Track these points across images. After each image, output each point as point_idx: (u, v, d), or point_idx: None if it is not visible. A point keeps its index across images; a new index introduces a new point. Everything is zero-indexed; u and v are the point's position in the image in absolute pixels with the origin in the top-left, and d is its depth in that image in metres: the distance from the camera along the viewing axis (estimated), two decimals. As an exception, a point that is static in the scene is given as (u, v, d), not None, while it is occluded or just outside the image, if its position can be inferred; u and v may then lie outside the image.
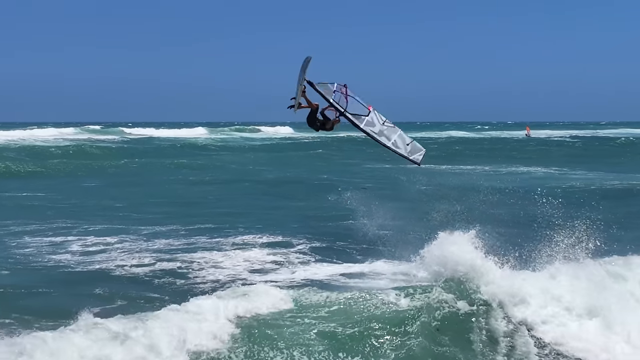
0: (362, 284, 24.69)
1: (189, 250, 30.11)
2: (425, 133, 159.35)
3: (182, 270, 27.03)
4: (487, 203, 45.15)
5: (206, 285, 25.18)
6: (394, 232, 34.22)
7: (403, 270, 26.95)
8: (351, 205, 44.83)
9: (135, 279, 25.98)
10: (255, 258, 28.80)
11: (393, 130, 22.22)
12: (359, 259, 29.16)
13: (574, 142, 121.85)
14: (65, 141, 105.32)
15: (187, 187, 54.91)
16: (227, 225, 35.68)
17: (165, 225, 35.97)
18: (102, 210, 41.55)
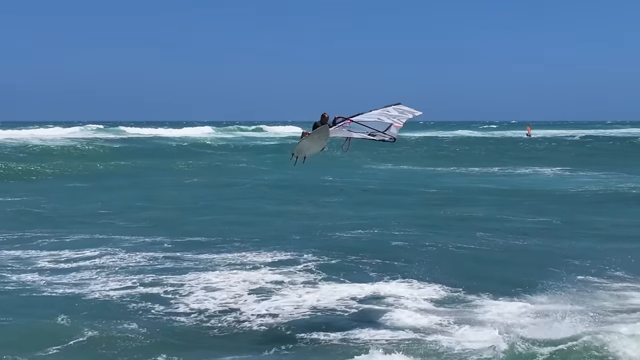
0: (385, 319, 19.54)
1: (176, 269, 24.95)
2: (434, 132, 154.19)
3: (166, 296, 21.94)
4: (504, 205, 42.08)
5: (193, 317, 20.09)
6: (406, 242, 29.20)
7: (426, 295, 21.87)
8: (356, 210, 39.97)
9: (108, 307, 20.89)
10: (255, 279, 23.62)
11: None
12: (372, 277, 24.08)
13: (584, 142, 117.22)
14: (64, 140, 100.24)
15: (181, 190, 49.71)
16: (221, 238, 30.47)
17: (152, 235, 30.81)
18: (84, 216, 36.40)
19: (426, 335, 17.86)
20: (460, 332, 18.08)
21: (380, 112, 19.76)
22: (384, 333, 17.90)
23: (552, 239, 31.26)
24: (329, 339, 17.67)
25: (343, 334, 17.93)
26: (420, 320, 19.12)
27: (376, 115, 19.53)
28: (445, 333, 18.09)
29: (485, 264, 26.25)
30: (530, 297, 21.56)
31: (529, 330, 17.99)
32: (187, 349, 17.40)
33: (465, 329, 18.35)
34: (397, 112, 19.87)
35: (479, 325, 18.72)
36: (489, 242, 30.11)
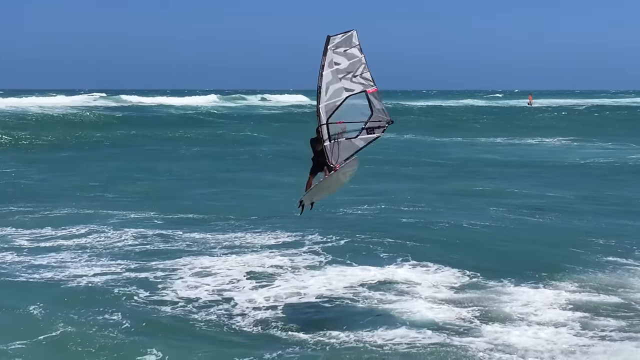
0: (402, 312, 16.91)
1: (166, 251, 22.29)
2: (437, 101, 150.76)
3: (155, 281, 19.34)
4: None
5: (181, 307, 17.53)
6: (417, 220, 26.64)
7: (443, 281, 19.31)
8: (360, 183, 37.30)
9: (89, 294, 18.23)
10: (252, 262, 20.96)
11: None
12: (382, 259, 21.44)
13: (590, 111, 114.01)
14: (63, 109, 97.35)
15: (177, 160, 46.90)
16: (215, 215, 27.65)
17: (142, 210, 28.20)
18: (73, 189, 33.76)
19: (451, 335, 15.25)
20: (490, 331, 15.50)
21: (332, 75, 16.22)
22: (401, 334, 15.21)
23: (568, 214, 28.73)
24: (336, 340, 14.96)
25: (353, 334, 15.24)
26: (440, 314, 16.55)
27: (341, 89, 16.21)
28: (472, 332, 15.51)
29: (502, 243, 23.71)
30: (558, 284, 19.05)
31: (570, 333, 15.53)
32: (171, 347, 14.84)
33: (495, 328, 15.77)
34: (346, 63, 16.28)
35: (509, 322, 16.17)
36: (502, 218, 27.59)
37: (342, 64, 16.28)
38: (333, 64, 16.39)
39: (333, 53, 16.41)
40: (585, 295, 18.06)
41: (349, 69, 16.35)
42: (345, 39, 16.53)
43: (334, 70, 16.31)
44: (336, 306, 17.29)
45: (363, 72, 16.35)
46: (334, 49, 16.39)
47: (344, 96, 16.17)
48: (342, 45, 16.43)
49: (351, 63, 16.34)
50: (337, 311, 16.95)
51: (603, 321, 16.17)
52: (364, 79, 16.36)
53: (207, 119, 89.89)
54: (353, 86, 16.26)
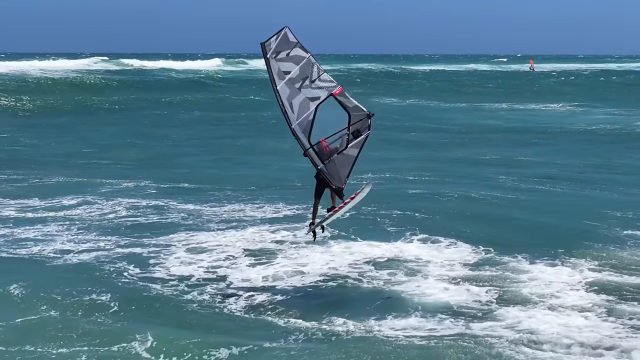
0: (414, 294, 15.35)
1: (159, 224, 20.75)
2: (441, 66, 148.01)
3: (148, 257, 17.81)
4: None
5: (172, 286, 16.06)
6: (425, 191, 25.11)
7: (455, 257, 17.81)
8: (365, 151, 35.56)
9: (76, 272, 16.74)
10: (250, 237, 19.39)
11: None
12: (390, 233, 19.83)
13: (596, 76, 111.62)
14: (63, 72, 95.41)
15: (175, 126, 45.15)
16: (211, 185, 25.97)
17: (136, 179, 26.66)
18: (66, 156, 32.22)
19: (469, 322, 13.71)
20: (510, 317, 13.98)
21: (288, 88, 14.90)
22: (415, 323, 13.65)
23: (579, 184, 27.22)
24: (342, 329, 13.40)
25: (361, 323, 13.66)
26: (456, 296, 15.05)
27: (306, 101, 14.86)
28: (491, 317, 14.01)
29: (514, 215, 22.21)
30: (577, 262, 17.53)
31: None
32: (159, 334, 13.38)
33: (515, 312, 14.25)
34: (296, 69, 14.92)
35: (530, 305, 14.67)
36: (513, 188, 26.08)
37: (292, 72, 14.90)
38: (282, 74, 14.96)
39: (276, 61, 14.97)
40: (607, 275, 16.56)
41: (302, 74, 14.94)
42: (281, 41, 15.03)
43: (287, 81, 14.90)
44: (341, 287, 15.78)
45: (320, 74, 14.96)
46: (275, 56, 14.96)
47: (312, 108, 14.83)
48: (281, 48, 15.00)
49: (301, 67, 14.94)
50: (341, 294, 15.44)
51: (629, 306, 14.68)
52: (324, 81, 15.01)
53: (209, 82, 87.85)
54: (316, 93, 14.90)
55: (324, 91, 14.77)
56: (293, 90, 14.77)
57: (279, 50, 14.87)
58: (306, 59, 14.90)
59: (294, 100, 14.76)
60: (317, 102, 14.73)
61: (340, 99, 14.76)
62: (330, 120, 14.69)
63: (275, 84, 14.83)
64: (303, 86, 14.80)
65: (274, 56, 14.86)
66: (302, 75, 14.84)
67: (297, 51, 14.94)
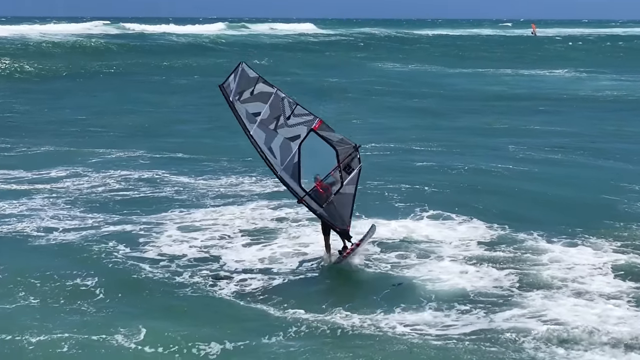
0: (429, 279, 13.88)
1: (151, 199, 19.25)
2: (444, 30, 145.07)
3: (138, 235, 16.40)
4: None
5: (163, 268, 14.66)
6: (432, 162, 23.60)
7: (470, 236, 16.35)
8: (366, 118, 34.20)
9: (62, 255, 15.32)
10: (249, 214, 17.88)
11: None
12: (399, 209, 18.29)
13: (600, 41, 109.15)
14: (63, 36, 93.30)
15: (172, 92, 42.93)
16: (205, 156, 24.40)
17: (129, 148, 25.12)
18: (58, 123, 30.64)
19: (492, 313, 12.24)
20: (534, 306, 12.54)
21: (263, 131, 13.83)
22: (429, 318, 12.11)
23: (592, 154, 25.76)
24: (346, 323, 11.91)
25: (367, 316, 12.13)
26: (474, 281, 13.61)
27: (286, 142, 13.85)
28: (516, 305, 12.59)
29: (528, 188, 20.76)
30: (597, 243, 16.18)
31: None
32: (146, 326, 12.00)
33: (539, 300, 12.83)
34: (265, 108, 13.84)
35: (555, 290, 13.29)
36: (524, 159, 24.61)
37: (262, 112, 13.75)
38: (252, 117, 13.78)
39: (242, 104, 13.83)
40: (632, 257, 15.15)
41: (274, 112, 13.79)
42: (241, 79, 13.91)
43: (260, 124, 13.71)
44: (345, 273, 14.31)
45: (293, 108, 13.85)
46: (239, 97, 13.83)
47: (295, 149, 13.73)
48: (243, 87, 13.88)
49: (271, 105, 13.80)
50: (345, 280, 13.99)
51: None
52: (300, 116, 13.91)
53: (210, 47, 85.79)
54: (295, 131, 13.81)
55: (303, 127, 13.74)
56: (269, 133, 13.69)
57: (241, 90, 13.78)
58: (274, 94, 13.82)
59: (272, 144, 13.71)
60: (299, 142, 13.67)
61: (322, 134, 13.75)
62: (317, 156, 13.70)
63: (248, 130, 13.67)
64: (278, 126, 13.70)
65: (238, 98, 13.72)
66: (274, 113, 13.72)
67: (262, 87, 13.86)
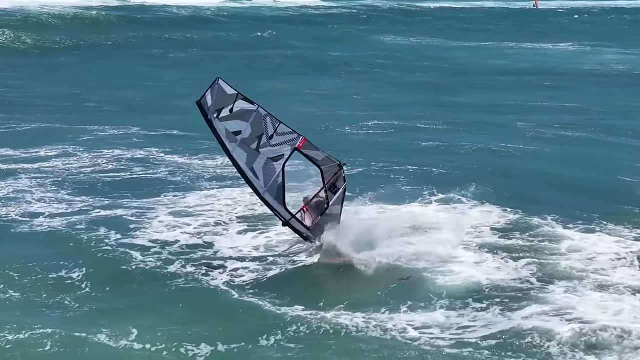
0: (441, 273, 12.75)
1: (144, 180, 18.12)
2: (446, 3, 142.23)
3: (129, 221, 15.36)
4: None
5: (154, 256, 13.59)
6: (439, 142, 22.42)
7: (482, 221, 15.25)
8: (368, 93, 32.72)
9: (48, 243, 14.27)
10: (245, 200, 16.60)
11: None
12: (406, 193, 16.97)
13: (605, 13, 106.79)
14: (62, 9, 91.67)
15: (169, 66, 40.69)
16: (200, 134, 22.36)
17: (122, 124, 23.84)
18: (50, 98, 29.21)
19: (511, 310, 11.14)
20: (559, 300, 11.51)
21: (245, 151, 12.88)
22: (441, 319, 10.97)
23: (603, 131, 24.66)
24: (349, 323, 10.79)
25: (372, 315, 11.02)
26: (490, 273, 12.55)
27: (269, 163, 12.93)
28: (537, 300, 11.53)
29: (539, 170, 19.73)
30: (616, 230, 15.28)
31: None
32: (134, 325, 10.96)
33: (562, 293, 11.79)
34: (246, 126, 12.91)
35: (578, 283, 12.28)
36: (534, 138, 23.49)
37: (243, 131, 12.74)
38: (232, 136, 12.76)
39: (221, 122, 12.79)
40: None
41: (256, 132, 12.78)
42: (218, 95, 12.87)
43: (241, 143, 12.70)
44: (347, 265, 13.15)
45: (276, 126, 12.83)
46: (217, 115, 12.78)
47: (278, 169, 12.78)
48: (222, 104, 12.82)
49: (253, 124, 12.77)
50: (348, 272, 12.85)
51: None
52: (283, 134, 12.93)
53: (211, 19, 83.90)
54: (278, 151, 12.79)
55: (287, 147, 12.87)
56: (251, 154, 12.74)
57: (219, 107, 12.76)
58: (255, 112, 12.80)
59: (254, 164, 12.77)
60: (283, 162, 12.79)
61: (307, 152, 12.93)
62: (300, 176, 13.22)
63: (229, 150, 12.72)
64: (261, 146, 12.77)
65: (216, 116, 12.73)
66: (256, 133, 12.75)
67: (241, 104, 12.84)
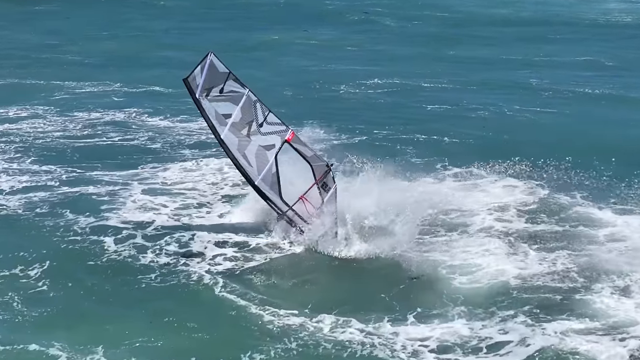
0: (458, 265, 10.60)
1: (120, 150, 15.80)
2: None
3: (100, 201, 13.13)
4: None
5: (125, 244, 11.49)
6: (446, 105, 20.15)
7: (507, 204, 13.02)
8: (365, 46, 29.98)
9: (3, 227, 12.14)
10: (232, 173, 14.27)
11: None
12: (415, 166, 14.59)
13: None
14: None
15: (154, 17, 36.77)
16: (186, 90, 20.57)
17: (101, 79, 21.48)
18: (27, 49, 26.48)
19: (549, 321, 9.20)
20: (609, 310, 9.60)
21: (235, 136, 11.65)
22: (464, 331, 8.81)
23: (623, 86, 22.54)
24: (350, 336, 8.65)
25: (376, 323, 8.92)
26: (519, 267, 10.58)
27: (261, 150, 11.80)
28: (581, 308, 9.65)
29: (561, 136, 17.44)
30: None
31: None
32: (92, 330, 8.92)
33: (611, 297, 9.95)
34: (237, 110, 11.69)
35: (629, 284, 10.32)
36: (551, 97, 21.26)
37: (234, 115, 11.55)
38: (222, 118, 11.53)
39: (210, 102, 11.54)
40: None
41: (247, 117, 11.61)
42: (209, 73, 11.52)
43: (231, 127, 11.52)
44: (343, 258, 10.87)
45: (266, 114, 11.80)
46: (206, 94, 11.57)
47: (271, 158, 11.57)
48: (212, 83, 11.57)
49: (243, 109, 11.61)
50: (344, 267, 10.56)
51: None
52: (273, 124, 11.83)
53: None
54: (269, 140, 11.77)
55: (277, 137, 11.81)
56: (242, 139, 11.64)
57: (209, 86, 11.59)
58: (245, 96, 11.67)
59: (246, 150, 11.63)
60: (275, 152, 11.66)
61: (296, 146, 11.79)
62: (292, 170, 11.60)
63: (218, 133, 11.49)
64: (251, 132, 11.72)
65: (205, 95, 11.65)
66: (246, 118, 11.63)
67: (232, 85, 11.71)
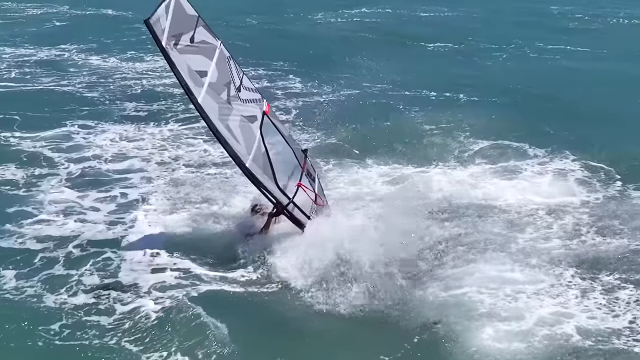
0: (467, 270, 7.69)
1: (50, 103, 13.29)
2: None
3: (6, 196, 9.93)
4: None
5: (25, 294, 7.94)
6: (460, 57, 17.15)
7: (561, 200, 9.92)
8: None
9: None
10: (189, 151, 11.44)
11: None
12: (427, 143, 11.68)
13: None
14: None
15: None
16: (144, 14, 16.55)
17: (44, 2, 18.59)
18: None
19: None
20: None
21: (215, 101, 8.37)
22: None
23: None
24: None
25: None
26: (588, 317, 7.34)
27: (245, 123, 8.69)
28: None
29: (614, 97, 14.19)
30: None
31: None
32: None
33: None
34: (213, 68, 8.58)
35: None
36: (601, 34, 18.12)
37: (209, 72, 8.50)
38: (197, 76, 8.31)
39: (180, 53, 8.19)
40: None
41: (223, 78, 8.76)
42: (175, 14, 8.21)
43: (209, 89, 8.37)
44: (327, 288, 7.58)
45: (242, 78, 9.10)
46: (174, 43, 8.19)
47: (257, 134, 8.81)
48: (180, 29, 8.27)
49: (218, 66, 8.64)
50: (333, 308, 7.37)
51: None
52: (249, 90, 9.17)
53: None
54: (250, 110, 8.95)
55: (256, 106, 9.10)
56: (222, 106, 8.57)
57: (176, 32, 8.31)
58: (218, 50, 8.75)
59: (230, 122, 8.55)
60: (258, 124, 8.95)
61: (273, 121, 9.31)
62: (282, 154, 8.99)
63: (194, 96, 8.22)
64: (231, 97, 8.74)
65: (173, 43, 8.21)
66: (223, 79, 8.75)
67: (203, 34, 8.67)
